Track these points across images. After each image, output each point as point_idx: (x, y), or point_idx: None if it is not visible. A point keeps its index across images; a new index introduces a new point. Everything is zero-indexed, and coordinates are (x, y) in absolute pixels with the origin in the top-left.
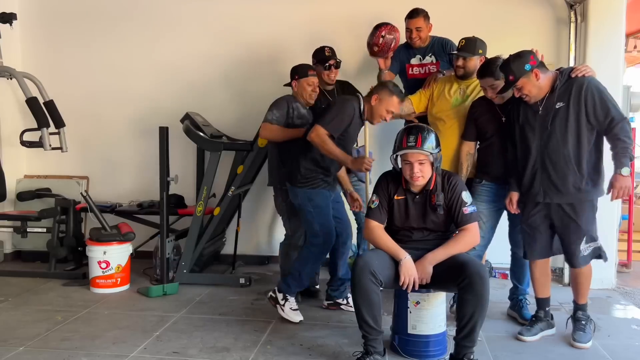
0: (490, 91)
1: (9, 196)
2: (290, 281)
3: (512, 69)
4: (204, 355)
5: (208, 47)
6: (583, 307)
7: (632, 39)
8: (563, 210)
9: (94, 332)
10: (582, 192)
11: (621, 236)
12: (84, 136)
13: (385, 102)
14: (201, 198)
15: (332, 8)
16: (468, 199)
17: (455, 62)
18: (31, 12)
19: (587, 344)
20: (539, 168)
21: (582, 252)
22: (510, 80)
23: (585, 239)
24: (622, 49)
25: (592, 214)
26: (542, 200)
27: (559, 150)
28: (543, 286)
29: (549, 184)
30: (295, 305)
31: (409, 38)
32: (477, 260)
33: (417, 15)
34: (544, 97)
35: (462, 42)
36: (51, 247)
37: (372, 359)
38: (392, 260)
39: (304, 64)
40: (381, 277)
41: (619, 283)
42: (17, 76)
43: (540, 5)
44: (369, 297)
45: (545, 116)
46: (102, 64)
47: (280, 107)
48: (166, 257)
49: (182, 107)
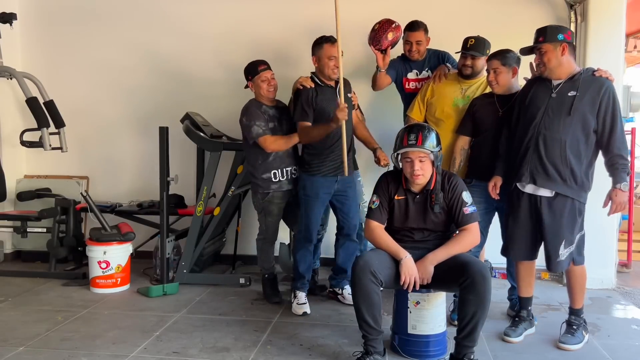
0: (492, 75)
1: (9, 196)
2: (295, 275)
3: (547, 31)
4: (204, 355)
5: (208, 47)
6: (577, 312)
7: (632, 39)
8: (547, 207)
9: (94, 332)
10: (567, 186)
11: (621, 236)
12: (84, 136)
13: (321, 55)
14: (201, 198)
15: (340, 7)
16: (468, 199)
17: (463, 61)
18: (31, 12)
19: (573, 346)
20: (532, 147)
21: (559, 256)
22: (539, 41)
23: (565, 243)
24: (622, 49)
25: (573, 218)
26: (525, 183)
27: (557, 136)
28: (527, 285)
29: (537, 165)
30: (302, 300)
31: (407, 51)
32: (479, 260)
33: (418, 29)
34: (560, 83)
35: (472, 41)
36: (51, 247)
37: (372, 359)
38: (393, 260)
39: (253, 62)
40: (381, 277)
41: (619, 283)
42: (17, 76)
43: (540, 5)
44: (369, 297)
45: (555, 100)
46: (102, 63)
47: (256, 117)
48: (166, 257)
49: (182, 107)
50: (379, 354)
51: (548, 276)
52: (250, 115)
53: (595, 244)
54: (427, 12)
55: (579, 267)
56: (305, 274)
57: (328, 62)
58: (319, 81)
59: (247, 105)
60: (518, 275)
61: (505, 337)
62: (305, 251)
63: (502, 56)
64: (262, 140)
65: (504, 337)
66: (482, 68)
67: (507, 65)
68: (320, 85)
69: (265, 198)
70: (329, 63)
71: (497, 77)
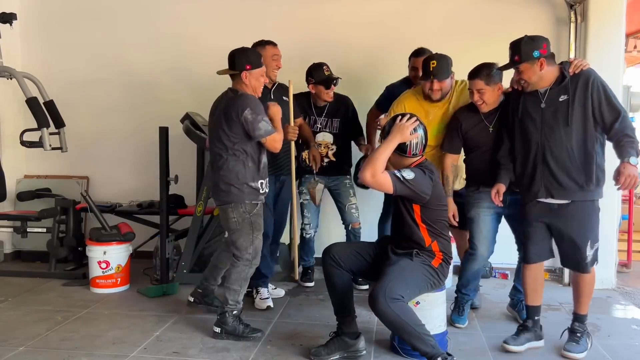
0: (477, 95)
1: (9, 196)
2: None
3: (521, 49)
4: (204, 355)
5: (209, 47)
6: (582, 319)
7: (632, 39)
8: (567, 212)
9: (94, 332)
10: (585, 190)
11: (621, 236)
12: (84, 136)
13: (264, 54)
14: (201, 198)
15: (338, 7)
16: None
17: (429, 86)
18: (31, 12)
19: (579, 355)
20: (540, 162)
21: (588, 257)
22: (515, 61)
23: (590, 243)
24: (622, 49)
25: (596, 217)
26: (544, 198)
27: (562, 144)
28: (535, 292)
29: (551, 179)
30: (264, 295)
31: (413, 77)
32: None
33: (424, 54)
34: (546, 90)
35: (434, 63)
36: (51, 247)
37: (341, 340)
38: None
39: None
40: (345, 263)
41: (619, 283)
42: (17, 76)
43: (540, 5)
44: (329, 280)
45: (548, 109)
46: (102, 63)
47: (263, 112)
48: (166, 257)
49: (182, 107)
50: (348, 336)
51: (548, 276)
52: (258, 109)
53: None
54: (425, 12)
55: (591, 272)
56: (264, 271)
57: (271, 62)
58: None
59: (248, 99)
60: (525, 282)
61: (504, 344)
62: (263, 250)
63: (485, 76)
64: (272, 140)
65: (503, 344)
66: (450, 88)
67: (492, 84)
68: None
69: (254, 210)
70: (271, 63)
71: (482, 97)
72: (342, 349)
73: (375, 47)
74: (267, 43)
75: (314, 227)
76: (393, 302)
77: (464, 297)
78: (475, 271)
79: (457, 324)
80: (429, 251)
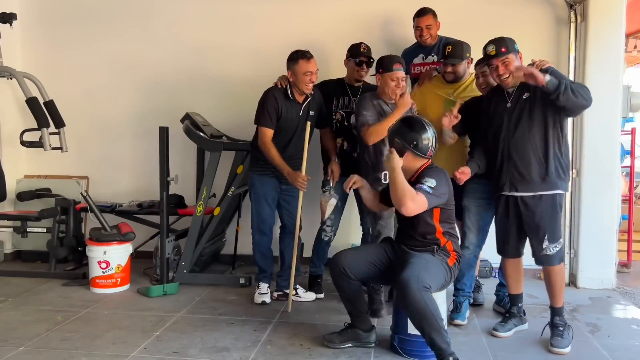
0: (482, 78)
1: (9, 196)
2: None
3: (506, 42)
4: (204, 355)
5: (209, 47)
6: (559, 312)
7: (632, 39)
8: (526, 205)
9: (94, 332)
10: (547, 182)
11: (621, 236)
12: (84, 136)
13: (295, 70)
14: (201, 198)
15: (340, 7)
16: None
17: (444, 68)
18: (31, 12)
19: (566, 349)
20: (506, 158)
21: (545, 250)
22: (502, 52)
23: (548, 238)
24: (622, 49)
25: (557, 211)
26: (508, 192)
27: (525, 140)
28: (516, 282)
29: (515, 173)
30: (263, 290)
31: (419, 37)
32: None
33: (426, 14)
34: (514, 90)
35: (449, 48)
36: (51, 247)
37: (354, 332)
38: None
39: (387, 56)
40: (354, 273)
41: (619, 283)
42: (17, 76)
43: (540, 5)
44: (343, 291)
45: (513, 107)
46: (102, 63)
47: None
48: (166, 257)
49: (182, 107)
50: (361, 330)
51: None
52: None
53: (595, 244)
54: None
55: (559, 265)
56: (263, 266)
57: (303, 78)
58: (290, 94)
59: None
60: (506, 272)
61: (493, 331)
62: (260, 243)
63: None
64: (369, 131)
65: (492, 332)
66: (464, 72)
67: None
68: (289, 99)
69: None
70: (304, 79)
71: (486, 80)
72: (355, 340)
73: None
74: (301, 57)
75: (334, 230)
76: (424, 290)
77: (460, 292)
78: (467, 260)
79: (456, 321)
80: (444, 250)
